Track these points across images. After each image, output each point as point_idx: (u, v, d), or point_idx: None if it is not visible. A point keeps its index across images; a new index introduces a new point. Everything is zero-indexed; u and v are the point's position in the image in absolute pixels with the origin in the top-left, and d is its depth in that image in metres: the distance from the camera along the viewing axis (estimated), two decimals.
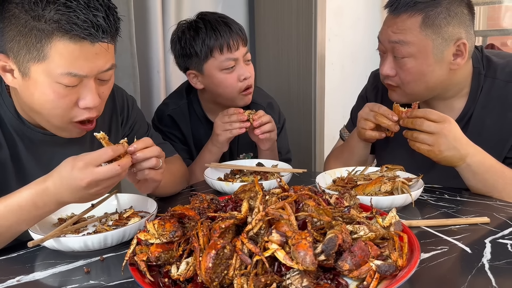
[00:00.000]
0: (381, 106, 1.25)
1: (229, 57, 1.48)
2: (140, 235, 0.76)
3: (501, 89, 1.25)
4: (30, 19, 0.89)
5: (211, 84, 1.53)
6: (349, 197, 0.90)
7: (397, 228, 0.80)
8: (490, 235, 0.92)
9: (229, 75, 1.50)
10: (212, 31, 1.47)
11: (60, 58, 0.91)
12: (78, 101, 0.97)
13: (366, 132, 1.28)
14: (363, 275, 0.69)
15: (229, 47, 1.47)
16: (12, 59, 0.93)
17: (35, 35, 0.89)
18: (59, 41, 0.90)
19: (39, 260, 0.90)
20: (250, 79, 1.54)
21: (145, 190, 1.07)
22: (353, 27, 2.80)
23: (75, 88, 0.95)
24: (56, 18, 0.88)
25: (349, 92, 2.77)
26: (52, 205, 0.90)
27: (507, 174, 1.17)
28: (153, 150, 0.97)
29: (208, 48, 1.47)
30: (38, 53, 0.90)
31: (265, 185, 1.19)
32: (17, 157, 1.06)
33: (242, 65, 1.52)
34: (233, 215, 0.74)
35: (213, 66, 1.49)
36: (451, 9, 1.17)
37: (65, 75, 0.92)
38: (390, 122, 1.22)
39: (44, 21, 0.89)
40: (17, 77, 0.95)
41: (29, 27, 0.89)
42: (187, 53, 1.51)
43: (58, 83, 0.93)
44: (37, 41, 0.90)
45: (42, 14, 0.88)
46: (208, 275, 0.65)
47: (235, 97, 1.54)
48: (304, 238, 0.66)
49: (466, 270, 0.78)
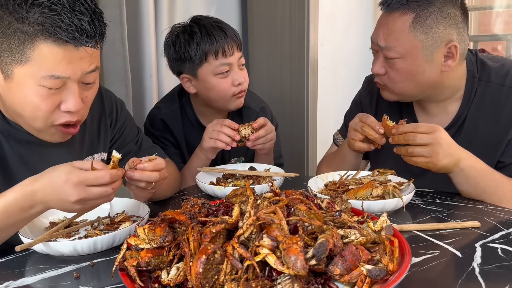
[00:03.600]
0: (369, 117, 1.24)
1: (223, 62, 1.47)
2: (130, 240, 0.75)
3: (495, 92, 1.26)
4: (14, 21, 0.88)
5: (204, 89, 1.53)
6: (341, 201, 0.90)
7: (388, 232, 0.80)
8: (480, 239, 0.92)
9: (223, 80, 1.49)
10: (207, 36, 1.46)
11: (43, 61, 0.90)
12: (60, 104, 0.97)
13: (355, 143, 1.27)
14: (354, 279, 0.69)
15: (224, 52, 1.47)
16: None
17: (18, 37, 0.89)
18: (43, 44, 0.89)
19: (28, 265, 0.89)
20: (244, 84, 1.54)
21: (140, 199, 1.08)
22: (345, 32, 2.82)
23: (58, 90, 0.94)
24: (40, 20, 0.88)
25: (341, 97, 2.79)
26: (38, 208, 0.89)
27: (497, 178, 1.18)
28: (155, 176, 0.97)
29: (203, 53, 1.46)
30: (21, 55, 0.90)
31: (257, 189, 1.19)
32: (3, 159, 1.05)
33: (236, 70, 1.51)
34: (224, 220, 0.74)
35: (208, 71, 1.49)
36: (444, 10, 1.18)
37: (47, 78, 0.91)
38: (376, 135, 1.21)
39: (28, 23, 0.88)
40: (0, 79, 0.94)
41: (12, 28, 0.89)
42: (181, 57, 1.50)
43: (40, 85, 0.92)
44: (20, 43, 0.89)
45: (26, 16, 0.88)
46: (198, 280, 0.65)
47: (227, 101, 1.54)
48: (295, 242, 0.66)
49: (456, 274, 0.78)
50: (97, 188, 0.86)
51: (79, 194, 0.84)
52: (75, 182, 0.84)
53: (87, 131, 1.21)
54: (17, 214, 0.88)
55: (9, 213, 0.88)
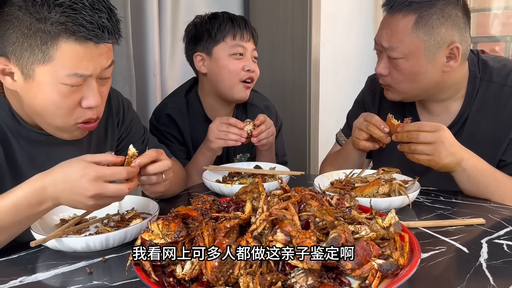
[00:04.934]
0: (374, 116, 1.25)
1: (239, 44, 1.55)
2: (145, 235, 0.76)
3: (496, 92, 1.28)
4: (35, 21, 0.89)
5: (215, 68, 1.57)
6: (349, 198, 0.92)
7: (396, 228, 0.81)
8: (486, 235, 0.94)
9: (235, 61, 1.56)
10: (229, 20, 1.57)
11: (65, 60, 0.92)
12: (81, 101, 0.98)
13: (359, 142, 1.28)
14: (365, 274, 0.71)
15: (242, 36, 1.56)
16: (14, 62, 0.93)
17: (40, 37, 0.90)
18: (65, 43, 0.91)
19: (40, 261, 0.90)
20: (254, 73, 1.59)
21: (151, 195, 1.09)
22: (346, 32, 2.84)
23: (79, 88, 0.96)
24: (63, 20, 0.89)
25: (342, 97, 2.81)
26: (47, 204, 0.89)
27: (499, 177, 1.20)
28: (161, 166, 0.98)
29: (222, 33, 1.55)
30: (44, 55, 0.91)
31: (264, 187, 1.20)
32: (12, 157, 1.06)
33: (248, 57, 1.58)
34: (237, 215, 0.75)
35: (223, 49, 1.56)
36: (446, 10, 1.20)
37: (70, 76, 0.93)
38: (382, 133, 1.22)
39: (50, 23, 0.89)
40: (18, 80, 0.95)
41: (34, 29, 0.90)
42: (201, 35, 1.58)
43: (62, 84, 0.94)
44: (43, 43, 0.90)
45: (48, 16, 0.89)
46: (214, 274, 0.66)
47: (235, 85, 1.57)
48: (308, 237, 0.67)
49: (464, 269, 0.79)
50: (113, 185, 0.87)
51: (96, 189, 0.85)
52: (92, 177, 0.85)
53: (94, 131, 1.21)
54: (26, 210, 0.88)
55: (18, 210, 0.88)
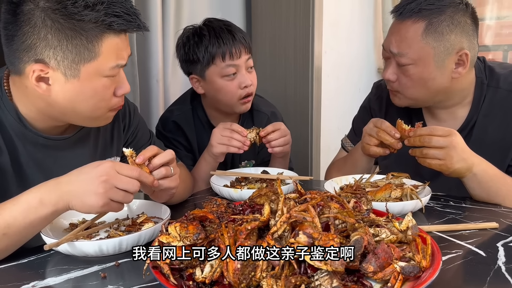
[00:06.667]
0: (384, 122, 1.25)
1: (230, 64, 1.49)
2: (162, 238, 0.75)
3: (503, 98, 1.29)
4: (75, 22, 0.91)
5: (211, 90, 1.55)
6: (366, 201, 0.91)
7: (414, 231, 0.81)
8: (501, 239, 0.93)
9: (229, 82, 1.51)
10: (215, 39, 1.48)
11: (109, 53, 0.96)
12: (115, 91, 1.02)
13: (370, 148, 1.28)
14: (387, 276, 0.70)
15: (231, 54, 1.48)
16: (54, 66, 0.93)
17: (85, 36, 0.92)
18: (107, 38, 0.95)
19: (51, 265, 0.88)
20: (251, 87, 1.55)
21: (161, 199, 1.07)
22: (347, 40, 2.86)
23: (115, 78, 1.00)
24: (104, 16, 0.92)
25: (343, 103, 2.82)
26: (58, 205, 0.88)
27: (509, 182, 1.20)
28: (165, 155, 1.00)
29: (210, 55, 1.49)
30: (90, 52, 0.94)
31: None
32: (18, 162, 1.05)
33: (243, 73, 1.52)
34: (257, 218, 0.74)
35: (215, 72, 1.50)
36: (455, 17, 1.21)
37: (113, 68, 0.98)
38: (393, 140, 1.22)
39: (94, 21, 0.92)
40: (56, 83, 0.95)
41: (77, 30, 0.91)
42: (190, 59, 1.53)
43: (106, 76, 0.98)
44: (89, 41, 0.93)
45: (89, 15, 0.91)
46: (236, 276, 0.65)
47: (234, 103, 1.55)
48: (331, 239, 0.67)
49: (483, 272, 0.79)
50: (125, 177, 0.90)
51: (108, 174, 0.88)
52: (108, 165, 0.89)
53: (101, 136, 1.21)
54: (37, 208, 0.87)
55: (30, 207, 0.87)
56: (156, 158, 0.99)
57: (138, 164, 0.95)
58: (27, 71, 0.94)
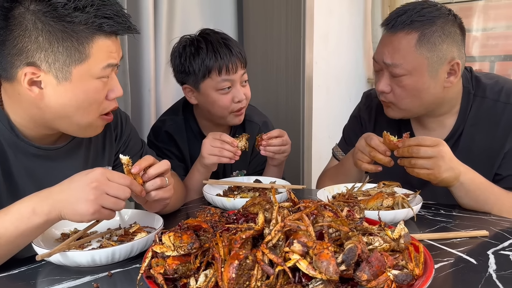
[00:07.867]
0: (373, 139, 1.25)
1: (226, 79, 1.49)
2: (156, 248, 0.75)
3: (490, 108, 1.31)
4: (66, 24, 0.91)
5: (205, 102, 1.54)
6: (359, 210, 0.92)
7: (406, 239, 0.81)
8: (491, 247, 0.95)
9: (223, 96, 1.51)
10: (213, 53, 1.47)
11: (99, 54, 0.96)
12: (107, 94, 1.02)
13: (362, 164, 1.29)
14: (381, 285, 0.70)
15: (228, 69, 1.47)
16: (46, 68, 0.93)
17: (76, 38, 0.93)
18: (98, 39, 0.95)
19: (42, 276, 0.87)
20: (244, 101, 1.55)
21: (155, 209, 1.07)
22: (337, 51, 2.90)
23: (107, 80, 1.00)
24: (94, 18, 0.93)
25: (333, 113, 2.85)
26: (50, 214, 0.87)
27: (496, 190, 1.22)
28: (161, 165, 1.00)
29: (207, 69, 1.47)
30: (81, 54, 0.94)
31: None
32: (9, 171, 1.04)
33: (238, 88, 1.52)
34: (251, 226, 0.74)
35: (210, 85, 1.50)
36: (445, 28, 1.24)
37: (105, 68, 0.98)
38: (386, 159, 1.23)
39: (84, 23, 0.92)
40: (48, 86, 0.95)
41: (68, 32, 0.92)
42: (186, 70, 1.51)
43: (97, 78, 0.98)
44: (79, 43, 0.93)
45: (80, 16, 0.92)
46: (231, 285, 0.65)
47: (226, 116, 1.55)
48: (326, 248, 0.67)
49: (475, 280, 0.80)
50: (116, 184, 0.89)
51: (99, 181, 0.87)
52: (99, 171, 0.89)
53: (92, 145, 1.20)
54: (29, 218, 0.86)
55: (22, 216, 0.86)
56: (151, 168, 0.98)
57: (133, 174, 0.95)
58: (19, 76, 0.93)
